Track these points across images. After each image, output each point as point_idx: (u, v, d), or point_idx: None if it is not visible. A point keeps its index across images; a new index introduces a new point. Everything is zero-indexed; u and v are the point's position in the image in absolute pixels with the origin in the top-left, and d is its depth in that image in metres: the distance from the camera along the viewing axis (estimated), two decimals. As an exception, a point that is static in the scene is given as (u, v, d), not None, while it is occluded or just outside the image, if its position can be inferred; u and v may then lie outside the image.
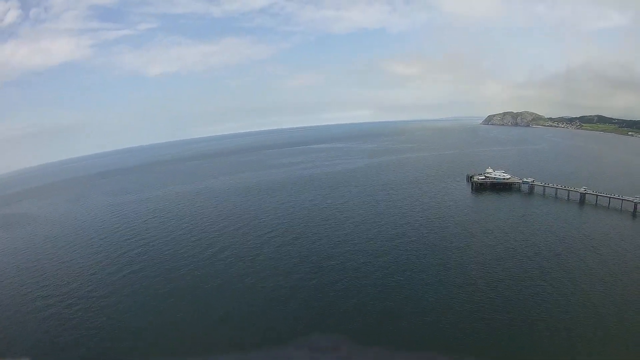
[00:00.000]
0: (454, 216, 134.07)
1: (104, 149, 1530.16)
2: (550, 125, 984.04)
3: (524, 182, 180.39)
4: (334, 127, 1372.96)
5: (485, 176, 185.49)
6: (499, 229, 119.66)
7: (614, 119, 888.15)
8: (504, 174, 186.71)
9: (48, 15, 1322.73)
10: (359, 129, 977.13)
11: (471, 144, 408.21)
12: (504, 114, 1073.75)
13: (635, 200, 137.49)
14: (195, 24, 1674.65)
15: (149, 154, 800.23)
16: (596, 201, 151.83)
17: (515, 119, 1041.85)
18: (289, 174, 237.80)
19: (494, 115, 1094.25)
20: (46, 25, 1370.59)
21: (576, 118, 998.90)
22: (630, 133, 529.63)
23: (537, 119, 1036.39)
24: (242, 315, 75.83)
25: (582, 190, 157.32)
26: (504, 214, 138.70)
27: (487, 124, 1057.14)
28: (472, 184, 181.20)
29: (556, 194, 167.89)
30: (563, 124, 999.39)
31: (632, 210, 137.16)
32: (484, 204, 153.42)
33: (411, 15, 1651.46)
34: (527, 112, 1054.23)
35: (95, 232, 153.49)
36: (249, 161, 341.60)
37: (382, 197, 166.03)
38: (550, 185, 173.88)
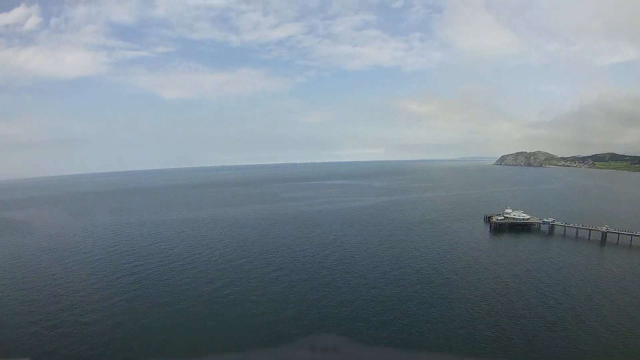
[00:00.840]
0: (476, 259, 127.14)
1: (115, 169, 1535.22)
2: (564, 165, 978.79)
3: (544, 222, 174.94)
4: (346, 164, 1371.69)
5: (505, 216, 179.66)
6: (525, 272, 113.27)
7: (626, 156, 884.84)
8: (523, 214, 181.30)
9: (68, 26, 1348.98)
10: (372, 167, 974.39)
11: (486, 184, 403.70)
12: (517, 154, 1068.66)
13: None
14: (213, 52, 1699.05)
15: (159, 177, 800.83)
16: (617, 240, 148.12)
17: (528, 159, 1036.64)
18: (301, 208, 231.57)
19: (507, 156, 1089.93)
20: (65, 37, 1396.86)
21: (588, 157, 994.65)
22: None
23: (549, 159, 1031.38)
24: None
25: (603, 229, 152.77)
26: (527, 255, 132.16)
27: (500, 164, 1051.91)
28: (490, 225, 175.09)
29: (577, 233, 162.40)
30: (576, 163, 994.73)
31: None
32: (504, 246, 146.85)
33: (426, 54, 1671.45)
34: (540, 152, 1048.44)
35: (92, 251, 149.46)
36: (259, 193, 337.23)
37: (399, 237, 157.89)
38: (571, 225, 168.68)
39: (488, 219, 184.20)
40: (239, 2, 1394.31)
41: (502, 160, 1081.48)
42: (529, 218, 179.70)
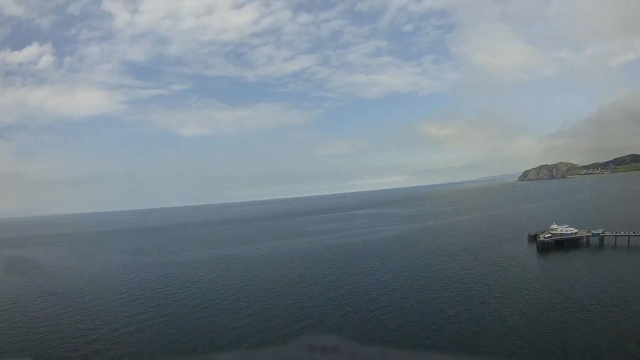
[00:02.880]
0: (528, 284, 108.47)
1: (134, 207, 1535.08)
2: (586, 173, 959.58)
3: (593, 235, 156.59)
4: (370, 193, 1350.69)
5: (552, 233, 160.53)
6: (589, 297, 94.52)
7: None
8: (570, 228, 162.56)
9: (82, 65, 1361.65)
10: (395, 194, 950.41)
11: (515, 202, 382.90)
12: (539, 167, 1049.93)
13: None
14: (229, 88, 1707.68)
15: (179, 215, 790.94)
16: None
17: (550, 172, 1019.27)
18: (326, 242, 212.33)
19: (529, 171, 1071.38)
20: (80, 75, 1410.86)
21: (609, 162, 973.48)
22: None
23: (572, 169, 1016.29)
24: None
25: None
26: (587, 275, 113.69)
27: (524, 180, 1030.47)
28: (537, 244, 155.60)
29: (628, 242, 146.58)
30: (597, 169, 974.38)
31: None
32: (558, 266, 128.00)
33: (441, 76, 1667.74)
34: (561, 163, 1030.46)
35: (95, 296, 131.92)
36: (282, 228, 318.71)
37: (438, 267, 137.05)
38: (623, 233, 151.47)
39: (533, 238, 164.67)
40: (252, 37, 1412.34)
41: (525, 175, 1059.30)
42: (577, 232, 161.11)
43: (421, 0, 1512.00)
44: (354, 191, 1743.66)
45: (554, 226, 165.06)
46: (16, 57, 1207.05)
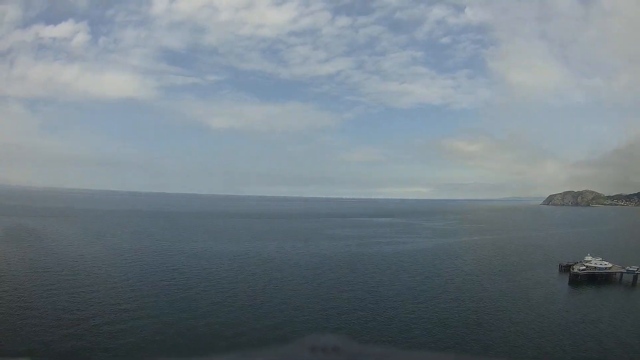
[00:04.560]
0: (560, 323, 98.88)
1: (156, 190, 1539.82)
2: (610, 204, 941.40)
3: (628, 271, 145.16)
4: (393, 202, 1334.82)
5: (586, 266, 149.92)
6: (621, 344, 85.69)
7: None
8: (604, 262, 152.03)
9: (117, 47, 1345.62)
10: (419, 206, 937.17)
11: (542, 226, 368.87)
12: (564, 193, 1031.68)
13: None
14: (263, 83, 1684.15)
15: (201, 203, 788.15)
16: None
17: (575, 199, 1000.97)
18: (350, 249, 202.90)
19: (554, 195, 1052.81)
20: (113, 57, 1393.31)
21: (634, 194, 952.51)
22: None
23: (596, 198, 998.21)
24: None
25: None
26: (624, 316, 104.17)
27: (548, 204, 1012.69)
28: (570, 276, 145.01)
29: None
30: (622, 201, 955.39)
31: None
32: (592, 303, 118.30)
33: (474, 92, 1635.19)
34: (587, 191, 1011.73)
35: (89, 280, 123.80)
36: (303, 228, 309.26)
37: (467, 293, 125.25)
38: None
39: (565, 268, 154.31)
40: (289, 35, 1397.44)
41: (550, 200, 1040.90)
42: (611, 267, 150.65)
43: (460, 13, 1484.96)
44: (379, 198, 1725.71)
45: (589, 258, 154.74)
46: (50, 31, 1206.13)
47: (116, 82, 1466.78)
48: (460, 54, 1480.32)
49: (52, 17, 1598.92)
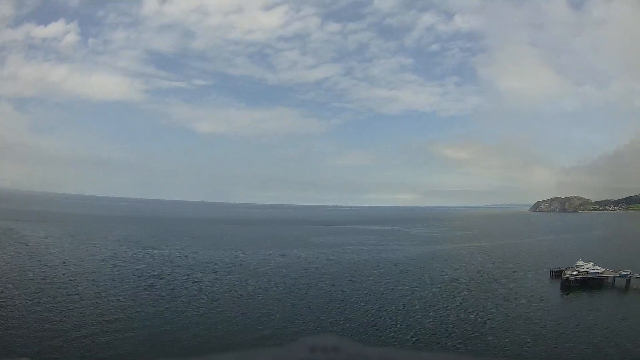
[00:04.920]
0: (555, 330, 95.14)
1: (141, 195, 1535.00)
2: (598, 210, 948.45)
3: (620, 275, 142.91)
4: (380, 209, 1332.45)
5: (578, 271, 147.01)
6: (618, 347, 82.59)
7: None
8: (596, 267, 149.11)
9: (106, 48, 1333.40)
10: (406, 212, 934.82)
11: (531, 232, 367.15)
12: (552, 199, 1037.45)
13: None
14: (250, 88, 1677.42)
15: (188, 209, 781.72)
16: None
17: (563, 205, 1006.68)
18: (335, 257, 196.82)
19: (541, 202, 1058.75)
20: (102, 58, 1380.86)
21: (622, 200, 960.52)
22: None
23: (584, 204, 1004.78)
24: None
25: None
26: (618, 321, 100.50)
27: (535, 211, 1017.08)
28: (561, 281, 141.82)
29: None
30: (610, 206, 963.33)
31: None
32: (585, 309, 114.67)
33: (462, 99, 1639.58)
34: (575, 197, 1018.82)
35: (79, 288, 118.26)
36: (289, 235, 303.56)
37: (458, 301, 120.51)
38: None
39: (557, 274, 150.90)
40: (278, 40, 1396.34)
41: (537, 206, 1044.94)
42: (603, 271, 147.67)
43: (450, 21, 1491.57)
44: (365, 205, 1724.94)
45: (580, 263, 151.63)
46: (41, 31, 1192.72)
47: (104, 84, 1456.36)
48: (449, 61, 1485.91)
49: (43, 17, 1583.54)
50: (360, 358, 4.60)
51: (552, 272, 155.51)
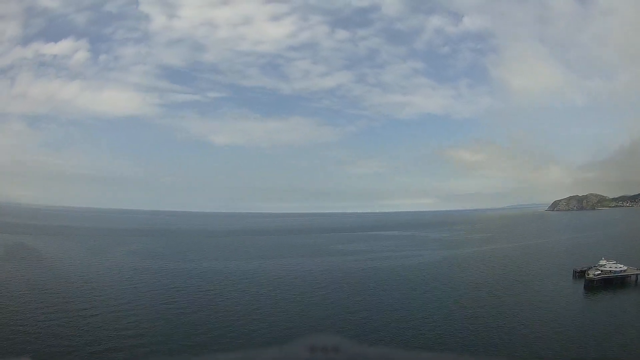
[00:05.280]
0: (582, 333, 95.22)
1: (159, 208, 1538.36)
2: (615, 206, 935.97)
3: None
4: (397, 214, 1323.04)
5: (601, 270, 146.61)
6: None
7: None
8: (619, 265, 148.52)
9: (117, 64, 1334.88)
10: (424, 217, 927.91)
11: (551, 232, 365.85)
12: (569, 198, 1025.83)
13: None
14: (264, 99, 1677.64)
15: (205, 220, 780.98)
16: None
17: (580, 203, 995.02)
18: (354, 264, 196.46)
19: (559, 201, 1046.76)
20: (114, 74, 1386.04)
21: (638, 195, 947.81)
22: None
23: (601, 201, 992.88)
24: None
25: None
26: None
27: (553, 210, 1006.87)
28: (585, 282, 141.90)
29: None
30: (627, 202, 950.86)
31: None
32: (611, 309, 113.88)
33: (475, 100, 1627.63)
34: (592, 195, 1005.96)
35: (94, 302, 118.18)
36: (307, 244, 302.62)
37: (481, 302, 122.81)
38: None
39: (580, 274, 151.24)
40: (289, 50, 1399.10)
41: (555, 205, 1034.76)
42: (626, 269, 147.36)
43: (458, 22, 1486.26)
44: (382, 211, 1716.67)
45: (603, 262, 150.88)
46: (51, 49, 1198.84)
47: (117, 100, 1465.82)
48: (460, 63, 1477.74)
49: (52, 35, 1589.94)
50: (360, 358, 4.65)
51: (574, 272, 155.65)
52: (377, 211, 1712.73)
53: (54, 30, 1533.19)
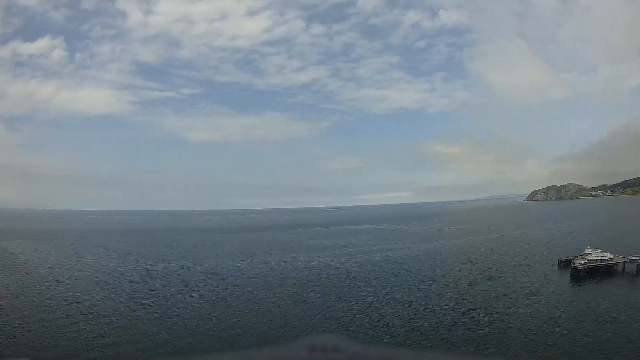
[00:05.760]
0: (573, 323, 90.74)
1: (135, 207, 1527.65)
2: (595, 195, 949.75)
3: (631, 261, 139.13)
4: (373, 208, 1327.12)
5: (587, 259, 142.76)
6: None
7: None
8: (605, 254, 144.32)
9: (93, 62, 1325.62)
10: (400, 210, 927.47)
11: (529, 223, 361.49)
12: (548, 188, 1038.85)
13: None
14: (238, 95, 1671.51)
15: (182, 219, 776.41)
16: None
17: (559, 193, 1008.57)
18: (334, 260, 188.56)
19: (537, 191, 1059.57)
20: (90, 73, 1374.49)
21: (618, 184, 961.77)
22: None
23: (580, 190, 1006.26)
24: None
25: None
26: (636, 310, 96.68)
27: (531, 200, 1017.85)
28: (571, 271, 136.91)
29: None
30: (606, 191, 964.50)
31: None
32: (599, 298, 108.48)
33: (450, 94, 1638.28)
34: (570, 185, 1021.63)
35: (73, 309, 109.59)
36: (283, 240, 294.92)
37: (465, 295, 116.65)
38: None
39: (565, 263, 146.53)
40: (264, 45, 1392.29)
41: (533, 195, 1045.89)
42: (612, 258, 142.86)
43: (434, 17, 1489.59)
44: (360, 205, 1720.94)
45: (588, 251, 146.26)
46: (27, 48, 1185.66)
47: (93, 98, 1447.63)
48: (435, 57, 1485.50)
49: (29, 34, 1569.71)
50: (360, 358, 4.69)
51: (560, 261, 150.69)
52: (354, 205, 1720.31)
53: (31, 28, 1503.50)
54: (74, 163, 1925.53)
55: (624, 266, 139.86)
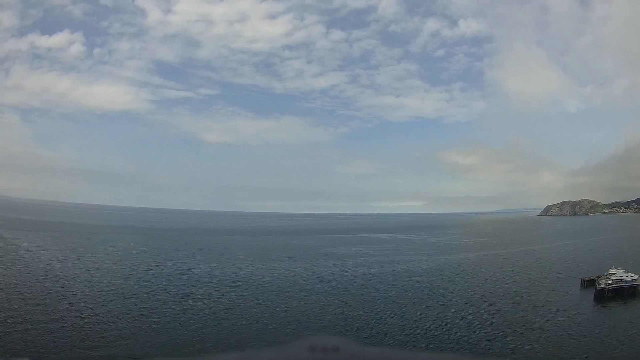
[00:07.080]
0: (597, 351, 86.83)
1: (149, 205, 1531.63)
2: (609, 212, 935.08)
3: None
4: (390, 216, 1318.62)
5: (612, 279, 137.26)
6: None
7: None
8: (629, 274, 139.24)
9: (111, 59, 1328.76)
10: (417, 220, 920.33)
11: (548, 237, 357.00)
12: (562, 203, 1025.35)
13: None
14: (256, 98, 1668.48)
15: (195, 219, 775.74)
16: None
17: (573, 208, 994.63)
18: (348, 269, 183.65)
19: (552, 206, 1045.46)
20: (108, 69, 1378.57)
21: (632, 201, 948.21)
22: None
23: (594, 206, 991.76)
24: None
25: None
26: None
27: (546, 215, 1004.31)
28: (595, 292, 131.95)
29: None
30: (620, 208, 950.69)
31: None
32: (626, 322, 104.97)
33: (468, 104, 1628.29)
34: (585, 200, 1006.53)
35: (72, 309, 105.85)
36: (298, 245, 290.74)
37: (480, 316, 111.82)
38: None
39: (588, 283, 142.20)
40: (283, 49, 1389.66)
41: (547, 210, 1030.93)
42: (637, 278, 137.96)
43: (455, 26, 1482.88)
44: (375, 213, 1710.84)
45: (613, 270, 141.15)
46: (46, 41, 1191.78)
47: (110, 94, 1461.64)
48: (454, 66, 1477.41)
49: (47, 27, 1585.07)
50: (360, 358, 4.76)
51: (583, 281, 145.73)
52: (368, 213, 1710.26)
53: (50, 22, 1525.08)
54: (88, 158, 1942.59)
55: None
